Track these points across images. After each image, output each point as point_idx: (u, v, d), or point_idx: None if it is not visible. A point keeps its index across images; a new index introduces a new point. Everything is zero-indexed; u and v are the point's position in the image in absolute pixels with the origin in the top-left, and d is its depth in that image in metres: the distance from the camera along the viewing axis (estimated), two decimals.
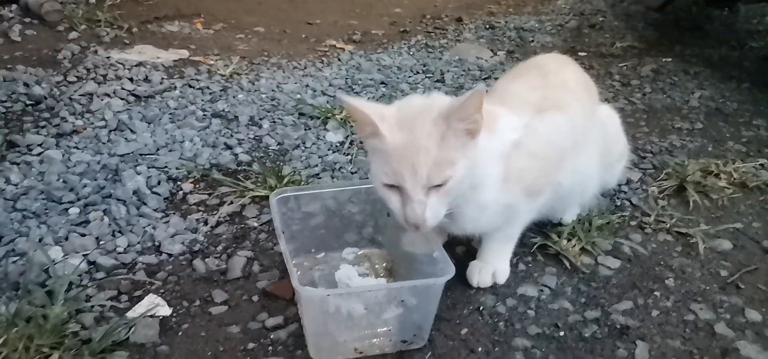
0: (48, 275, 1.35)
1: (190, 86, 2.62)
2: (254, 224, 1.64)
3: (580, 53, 3.45)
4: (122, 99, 2.41)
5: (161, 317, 1.29)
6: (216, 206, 1.72)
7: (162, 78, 2.67)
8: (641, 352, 1.24)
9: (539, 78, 1.44)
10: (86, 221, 1.60)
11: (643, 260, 1.55)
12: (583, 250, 1.54)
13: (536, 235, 1.55)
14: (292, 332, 1.26)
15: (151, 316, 1.28)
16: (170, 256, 1.50)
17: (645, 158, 2.12)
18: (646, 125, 2.45)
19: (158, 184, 1.81)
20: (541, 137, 1.31)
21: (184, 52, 3.08)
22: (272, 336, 1.25)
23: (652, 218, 1.70)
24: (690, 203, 1.80)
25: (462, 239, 1.49)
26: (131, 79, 2.62)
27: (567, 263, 1.50)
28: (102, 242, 1.52)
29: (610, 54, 3.45)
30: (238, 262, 1.47)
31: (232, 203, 1.72)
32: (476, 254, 1.45)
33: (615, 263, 1.52)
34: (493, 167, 1.24)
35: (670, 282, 1.46)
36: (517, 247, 1.46)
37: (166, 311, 1.31)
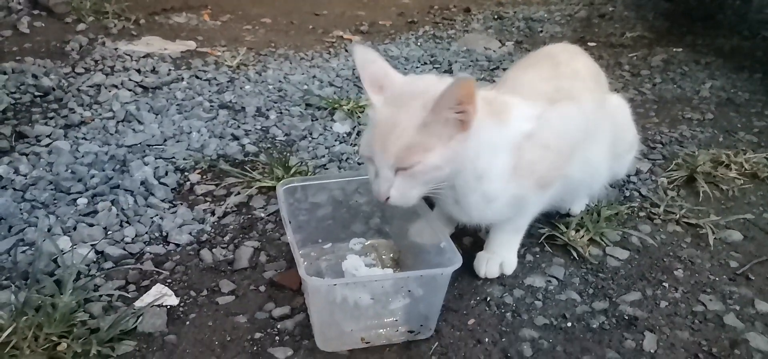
0: (56, 264, 1.36)
1: (198, 77, 2.62)
2: (261, 214, 1.64)
3: (590, 43, 3.42)
4: (130, 90, 2.42)
5: (169, 306, 1.29)
6: (223, 197, 1.72)
7: (169, 69, 2.67)
8: (649, 343, 1.23)
9: (551, 68, 1.42)
10: (94, 212, 1.61)
11: (652, 251, 1.53)
12: (592, 241, 1.53)
13: (544, 226, 1.54)
14: (299, 322, 1.26)
15: (159, 306, 1.29)
16: (178, 246, 1.50)
17: (654, 149, 2.10)
18: (656, 115, 2.43)
19: (166, 175, 1.81)
20: (555, 129, 1.30)
21: (192, 44, 3.09)
22: (279, 325, 1.25)
23: (662, 209, 1.69)
24: (700, 194, 1.79)
25: (470, 229, 1.49)
26: (139, 71, 2.63)
27: (575, 253, 1.49)
28: (110, 232, 1.53)
29: (620, 44, 3.42)
30: (245, 252, 1.47)
31: (239, 193, 1.72)
32: (484, 245, 1.44)
33: (623, 254, 1.51)
34: (502, 157, 1.23)
35: (679, 272, 1.45)
36: (525, 238, 1.46)
37: (174, 301, 1.31)
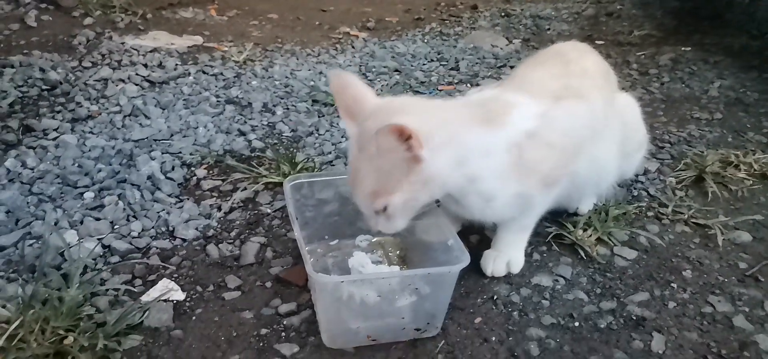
0: (63, 258, 1.36)
1: (204, 73, 2.62)
2: (267, 210, 1.64)
3: (598, 42, 3.40)
4: (137, 85, 2.42)
5: (175, 301, 1.29)
6: (229, 192, 1.72)
7: (176, 64, 2.68)
8: (657, 344, 1.22)
9: (561, 66, 1.41)
10: (101, 206, 1.61)
11: (660, 251, 1.52)
12: (599, 240, 1.52)
13: (551, 224, 1.54)
14: (305, 318, 1.26)
15: (165, 300, 1.29)
16: (184, 241, 1.50)
17: (663, 148, 2.08)
18: (664, 114, 2.41)
19: (172, 169, 1.81)
20: (560, 127, 1.29)
21: (198, 39, 3.09)
22: (285, 322, 1.25)
23: (670, 209, 1.68)
24: (708, 194, 1.77)
25: (477, 227, 1.48)
26: (146, 65, 2.63)
27: (582, 253, 1.48)
28: (116, 227, 1.53)
29: (628, 42, 3.40)
30: (252, 248, 1.47)
31: (246, 189, 1.72)
32: (491, 243, 1.43)
33: (631, 254, 1.50)
34: (496, 158, 1.21)
35: (688, 273, 1.44)
36: (532, 236, 1.45)
37: (180, 295, 1.31)
